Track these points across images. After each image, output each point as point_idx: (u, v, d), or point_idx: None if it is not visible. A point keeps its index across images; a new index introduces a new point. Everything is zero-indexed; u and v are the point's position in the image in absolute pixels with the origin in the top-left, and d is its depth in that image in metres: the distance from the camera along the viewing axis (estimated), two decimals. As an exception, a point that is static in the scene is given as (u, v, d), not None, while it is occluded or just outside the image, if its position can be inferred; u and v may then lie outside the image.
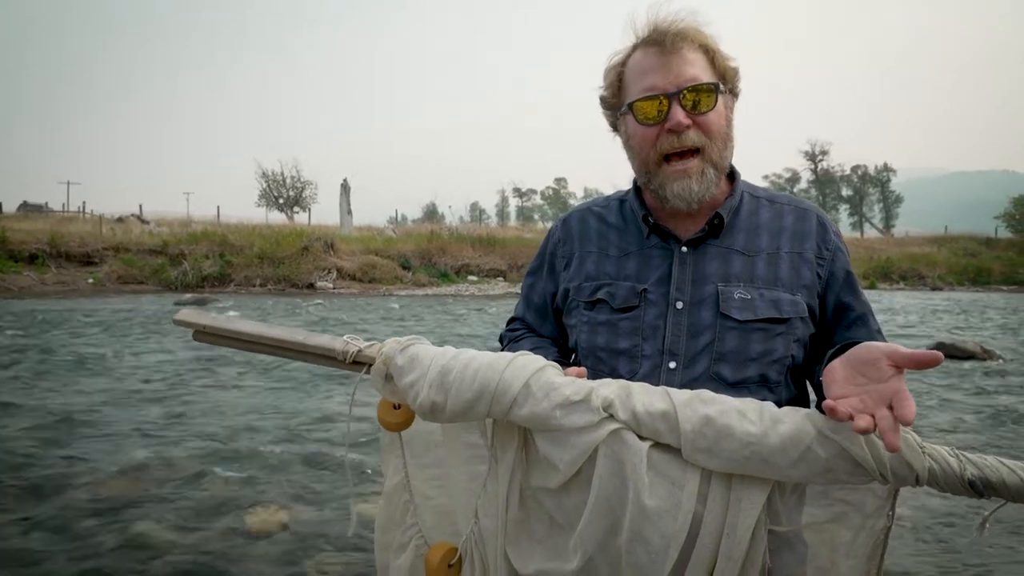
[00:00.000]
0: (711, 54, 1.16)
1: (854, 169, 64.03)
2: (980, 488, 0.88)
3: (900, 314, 15.64)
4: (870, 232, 59.13)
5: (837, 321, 1.20)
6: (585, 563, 0.98)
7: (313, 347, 1.13)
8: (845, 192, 64.05)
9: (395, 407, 1.12)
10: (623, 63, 1.21)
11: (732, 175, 1.26)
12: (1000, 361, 8.77)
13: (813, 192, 63.65)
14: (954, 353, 9.02)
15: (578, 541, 0.98)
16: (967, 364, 8.46)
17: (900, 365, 0.89)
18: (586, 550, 0.98)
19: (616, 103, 1.23)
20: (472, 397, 1.00)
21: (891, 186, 63.89)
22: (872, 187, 63.82)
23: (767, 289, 1.16)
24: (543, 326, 1.38)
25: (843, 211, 63.85)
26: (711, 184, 1.16)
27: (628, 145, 1.22)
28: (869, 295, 1.26)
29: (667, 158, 1.16)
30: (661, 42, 1.14)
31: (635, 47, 1.19)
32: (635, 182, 1.29)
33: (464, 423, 1.07)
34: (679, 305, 1.16)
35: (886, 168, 63.89)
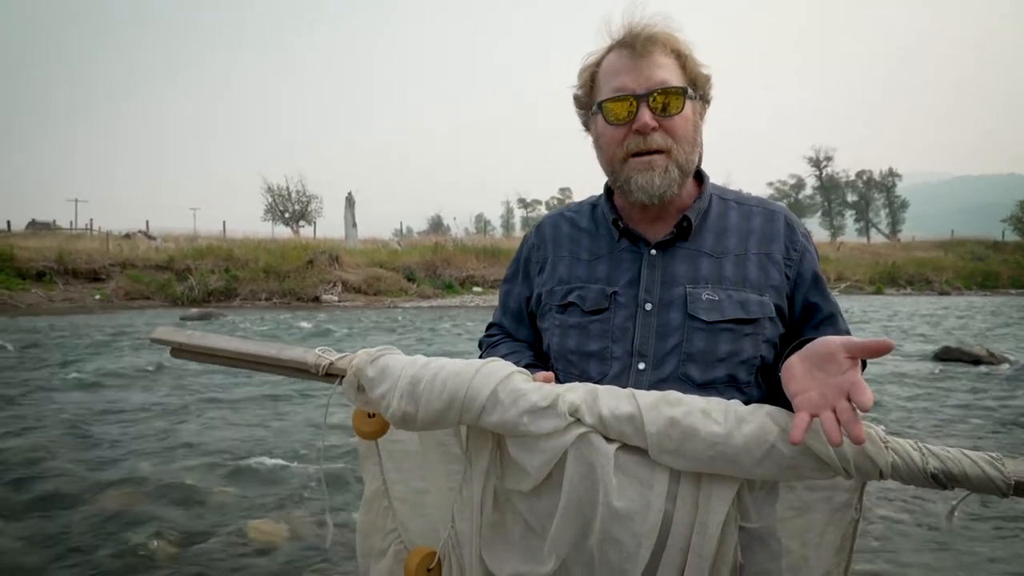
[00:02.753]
0: (683, 59, 1.17)
1: (859, 174, 63.98)
2: (943, 480, 0.90)
3: (907, 319, 15.56)
4: (876, 237, 58.97)
5: (806, 321, 1.21)
6: (559, 565, 0.99)
7: (286, 361, 1.14)
8: (850, 198, 63.97)
9: (369, 416, 1.13)
10: (597, 64, 1.22)
11: (701, 178, 1.28)
12: (1008, 365, 8.71)
13: (818, 198, 63.56)
14: (961, 357, 8.97)
15: (551, 544, 0.99)
16: (974, 368, 8.41)
17: (854, 355, 0.93)
18: (559, 553, 0.98)
19: (588, 102, 1.24)
20: (442, 407, 1.02)
21: (896, 191, 63.77)
22: (877, 192, 63.72)
23: (735, 290, 1.16)
24: (519, 331, 1.39)
25: (849, 217, 63.75)
26: (673, 182, 1.16)
27: (597, 144, 1.24)
28: (877, 300, 1.26)
29: (632, 155, 1.18)
30: (633, 44, 1.16)
31: (610, 48, 1.21)
32: (606, 186, 1.31)
33: (440, 429, 1.08)
34: (648, 307, 1.17)
35: (891, 173, 63.80)
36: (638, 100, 1.14)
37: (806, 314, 1.21)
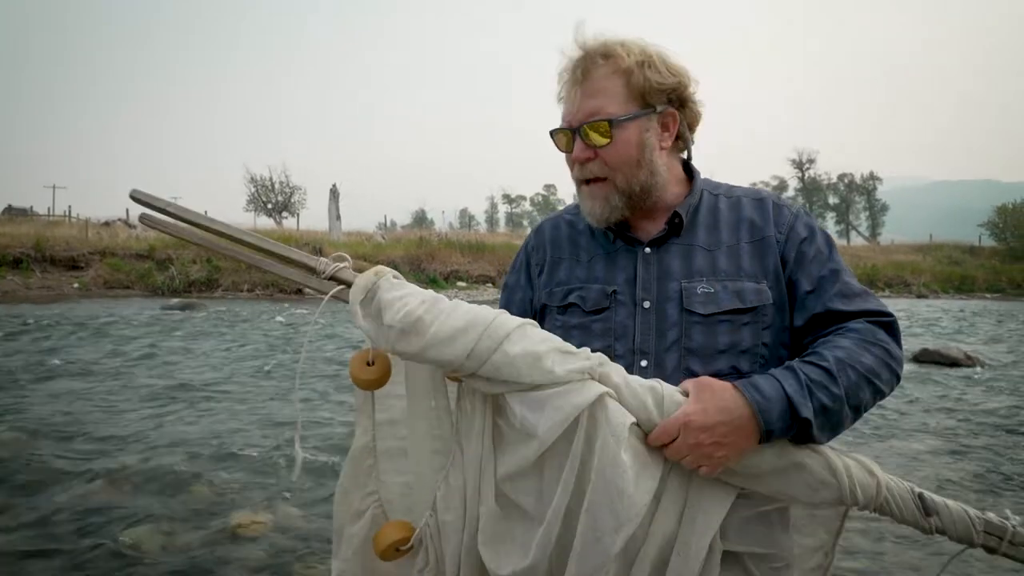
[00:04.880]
0: (628, 75, 1.15)
1: (840, 177, 64.56)
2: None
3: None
4: (856, 240, 59.59)
5: (792, 302, 1.20)
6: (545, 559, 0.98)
7: (286, 257, 1.08)
8: (832, 200, 64.55)
9: (369, 364, 1.06)
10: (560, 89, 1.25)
11: (691, 174, 1.29)
12: (983, 367, 8.86)
13: (800, 200, 64.09)
14: (939, 360, 9.11)
15: (545, 529, 0.97)
16: (951, 370, 8.55)
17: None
18: (549, 538, 0.96)
19: None
20: (462, 324, 0.95)
21: (877, 194, 64.45)
22: (858, 195, 64.36)
23: (730, 281, 1.17)
24: None
25: (830, 219, 64.33)
26: (615, 208, 1.19)
27: None
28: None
29: (580, 182, 1.23)
30: (572, 71, 1.18)
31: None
32: None
33: (442, 359, 0.98)
34: (646, 304, 1.18)
35: (872, 176, 64.46)
36: (572, 133, 1.18)
37: (790, 293, 1.19)
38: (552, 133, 1.22)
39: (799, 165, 63.79)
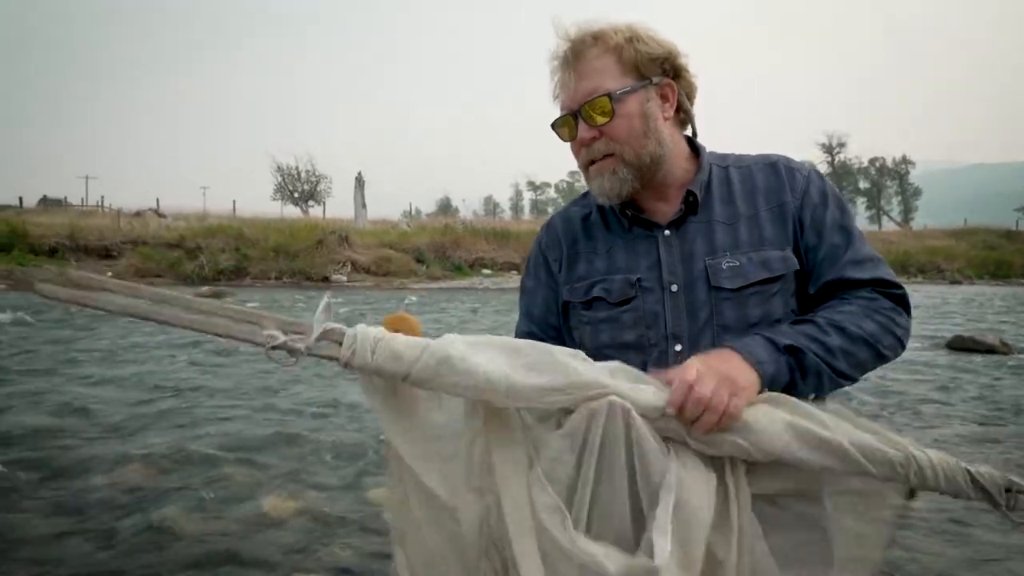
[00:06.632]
0: (619, 51, 1.16)
1: (872, 161, 63.19)
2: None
3: (918, 308, 15.47)
4: (888, 225, 58.47)
5: (806, 269, 1.19)
6: None
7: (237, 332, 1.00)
8: (863, 185, 63.24)
9: None
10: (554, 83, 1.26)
11: (697, 151, 1.26)
12: (1021, 355, 8.65)
13: (829, 185, 62.85)
14: (973, 347, 8.90)
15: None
16: (986, 358, 8.35)
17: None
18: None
19: None
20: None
21: (909, 178, 63.05)
22: (890, 180, 63.02)
23: (754, 252, 1.16)
24: (549, 337, 1.31)
25: (860, 204, 63.13)
26: (625, 181, 1.18)
27: None
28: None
29: (587, 164, 1.23)
30: (562, 57, 1.20)
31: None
32: None
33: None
34: (674, 288, 1.17)
35: (904, 160, 63.05)
36: (575, 117, 1.18)
37: (806, 259, 1.19)
38: (554, 125, 1.23)
39: (829, 149, 62.43)
